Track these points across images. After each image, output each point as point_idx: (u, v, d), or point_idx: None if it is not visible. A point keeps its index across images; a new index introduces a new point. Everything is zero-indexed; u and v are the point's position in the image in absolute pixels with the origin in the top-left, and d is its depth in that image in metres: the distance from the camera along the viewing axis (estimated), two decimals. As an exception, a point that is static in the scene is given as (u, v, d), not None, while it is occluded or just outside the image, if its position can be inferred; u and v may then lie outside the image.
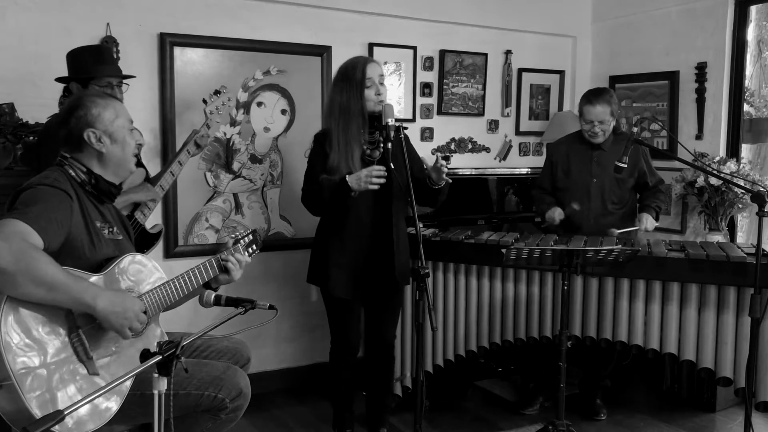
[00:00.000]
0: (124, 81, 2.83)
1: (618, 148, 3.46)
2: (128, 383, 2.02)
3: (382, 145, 2.76)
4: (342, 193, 2.81)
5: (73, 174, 2.11)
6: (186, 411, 2.19)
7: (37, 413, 1.76)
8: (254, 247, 2.46)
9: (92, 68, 2.72)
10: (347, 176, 2.78)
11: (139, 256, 2.20)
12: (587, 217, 3.53)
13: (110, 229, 2.18)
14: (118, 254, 2.13)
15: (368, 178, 2.75)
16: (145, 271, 2.19)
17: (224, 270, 2.31)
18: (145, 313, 2.04)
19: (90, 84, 2.69)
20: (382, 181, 2.77)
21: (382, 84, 2.90)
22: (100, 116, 2.11)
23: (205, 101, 3.18)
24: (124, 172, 2.21)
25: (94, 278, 2.01)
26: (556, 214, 3.55)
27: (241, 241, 2.39)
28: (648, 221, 3.46)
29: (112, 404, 1.99)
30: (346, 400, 3.21)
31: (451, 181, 2.94)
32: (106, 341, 2.00)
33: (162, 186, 2.94)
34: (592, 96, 3.47)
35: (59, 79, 2.77)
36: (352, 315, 3.05)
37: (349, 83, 2.88)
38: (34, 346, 1.83)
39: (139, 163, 2.52)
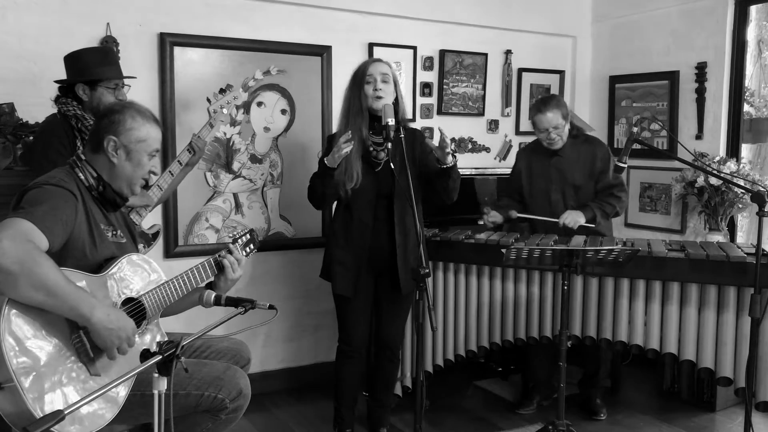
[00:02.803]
0: (126, 82, 2.83)
1: (576, 150, 3.50)
2: (128, 385, 2.02)
3: (388, 145, 2.76)
4: (327, 175, 2.88)
5: (82, 177, 2.11)
6: (186, 411, 2.19)
7: (39, 414, 1.75)
8: (252, 246, 2.46)
9: (100, 70, 2.70)
10: (325, 158, 2.87)
11: (138, 257, 2.20)
12: (550, 224, 3.50)
13: (114, 232, 2.18)
14: (119, 255, 2.13)
15: (338, 149, 2.79)
16: (145, 271, 2.19)
17: (221, 268, 2.31)
18: (142, 318, 2.04)
19: (98, 86, 2.68)
20: (349, 145, 2.77)
21: (384, 82, 2.90)
22: (130, 131, 2.11)
23: (209, 100, 3.16)
24: (128, 191, 2.20)
25: (93, 278, 2.01)
26: (491, 218, 3.50)
27: (239, 240, 2.39)
28: (569, 217, 3.37)
29: (111, 406, 1.99)
30: (347, 399, 3.21)
31: (457, 159, 2.92)
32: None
33: (160, 185, 2.92)
34: (541, 105, 3.46)
35: (61, 82, 2.75)
36: (354, 314, 3.06)
37: (353, 82, 2.97)
38: (35, 348, 1.83)
39: None
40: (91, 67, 2.70)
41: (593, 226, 3.44)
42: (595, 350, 3.58)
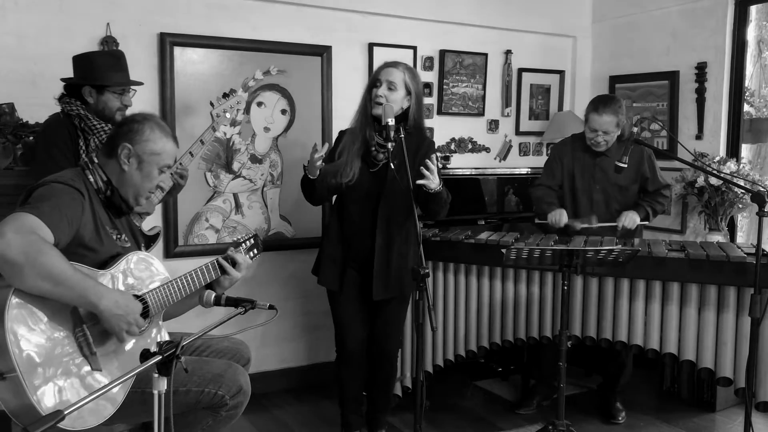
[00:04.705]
0: (132, 87, 2.84)
1: (622, 153, 3.44)
2: (127, 383, 2.03)
3: (388, 145, 2.75)
4: (309, 184, 2.92)
5: (91, 179, 2.15)
6: (186, 408, 2.20)
7: (40, 406, 1.77)
8: (255, 251, 2.47)
9: (110, 75, 2.71)
10: (305, 165, 2.90)
11: (143, 255, 2.21)
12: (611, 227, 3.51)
13: (118, 236, 2.20)
14: (124, 253, 2.15)
15: (312, 162, 2.83)
16: (150, 269, 2.21)
17: (233, 264, 2.32)
18: (144, 316, 2.05)
19: (105, 91, 2.69)
20: (318, 154, 2.80)
21: (390, 89, 2.87)
22: (146, 142, 2.15)
23: (212, 104, 3.14)
24: (133, 201, 2.21)
25: (98, 274, 2.02)
26: (563, 218, 3.43)
27: (243, 244, 2.41)
28: (627, 219, 3.39)
29: (111, 402, 1.99)
30: (350, 403, 3.20)
31: (439, 189, 2.82)
32: (110, 337, 2.01)
33: (161, 187, 2.93)
34: (600, 104, 3.38)
35: (68, 81, 2.75)
36: (343, 311, 3.06)
37: (368, 83, 3.00)
38: (39, 340, 1.84)
39: None
40: (102, 72, 2.70)
41: (647, 223, 3.52)
42: (617, 355, 3.58)
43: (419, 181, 2.76)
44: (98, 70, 2.70)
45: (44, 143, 2.67)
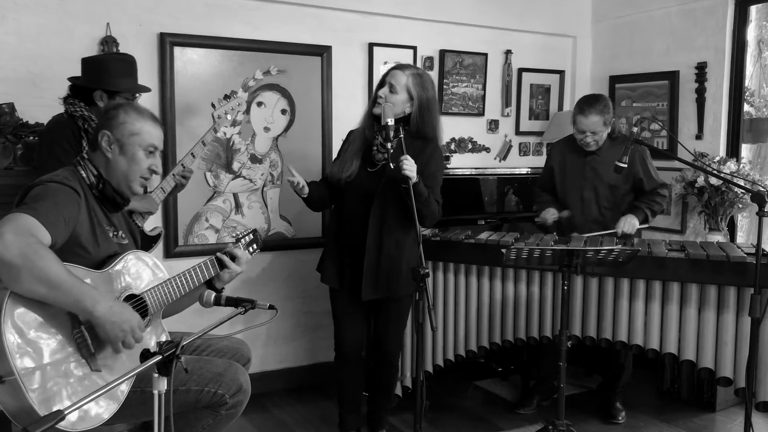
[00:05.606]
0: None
1: (613, 152, 3.40)
2: (128, 381, 2.03)
3: (388, 145, 2.75)
4: (304, 200, 3.02)
5: (84, 175, 2.14)
6: (186, 407, 2.20)
7: (39, 409, 1.77)
8: (255, 246, 2.47)
9: (123, 81, 2.73)
10: (295, 190, 2.99)
11: (141, 254, 2.21)
12: (582, 222, 3.53)
13: (115, 233, 2.20)
14: (121, 253, 2.15)
15: (296, 189, 2.92)
16: (147, 269, 2.20)
17: (231, 259, 2.31)
18: (144, 315, 2.05)
19: (117, 96, 2.70)
20: (292, 179, 2.88)
21: (392, 92, 2.87)
22: (123, 125, 2.15)
23: (213, 105, 3.14)
24: (126, 189, 2.20)
25: (95, 274, 2.02)
26: (549, 215, 3.55)
27: (242, 239, 2.41)
28: (626, 224, 3.37)
29: (112, 402, 1.99)
30: (348, 402, 3.20)
31: (416, 181, 2.74)
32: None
33: (163, 188, 2.93)
34: (585, 105, 3.40)
35: (77, 82, 2.75)
36: (343, 311, 3.06)
37: (377, 85, 3.00)
38: (37, 342, 1.84)
39: None
40: (115, 77, 2.72)
41: (646, 225, 3.49)
42: (617, 356, 3.59)
43: (400, 166, 2.69)
44: (112, 76, 2.72)
45: (48, 143, 2.68)
